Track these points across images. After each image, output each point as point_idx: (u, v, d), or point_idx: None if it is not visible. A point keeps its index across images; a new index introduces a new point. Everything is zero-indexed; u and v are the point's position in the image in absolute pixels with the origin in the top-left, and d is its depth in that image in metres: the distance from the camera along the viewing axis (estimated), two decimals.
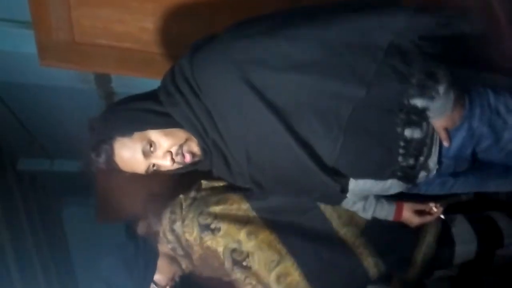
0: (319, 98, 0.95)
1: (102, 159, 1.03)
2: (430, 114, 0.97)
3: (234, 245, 1.23)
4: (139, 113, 1.03)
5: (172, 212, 1.31)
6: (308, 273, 1.19)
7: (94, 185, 2.91)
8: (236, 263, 1.24)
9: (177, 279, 1.30)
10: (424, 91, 0.93)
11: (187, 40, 1.45)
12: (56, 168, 2.83)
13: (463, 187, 1.22)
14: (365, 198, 1.20)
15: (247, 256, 1.22)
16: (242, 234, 1.23)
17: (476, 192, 1.44)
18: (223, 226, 1.23)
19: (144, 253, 1.27)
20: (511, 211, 1.45)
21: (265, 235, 1.22)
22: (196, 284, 1.37)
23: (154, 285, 1.26)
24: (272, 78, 0.94)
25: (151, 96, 1.06)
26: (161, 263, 1.28)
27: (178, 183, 1.38)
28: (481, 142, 1.06)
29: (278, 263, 1.20)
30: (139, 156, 1.02)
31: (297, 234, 1.22)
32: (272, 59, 0.93)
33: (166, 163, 1.02)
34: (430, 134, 1.02)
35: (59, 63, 1.48)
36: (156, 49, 1.49)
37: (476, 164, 1.13)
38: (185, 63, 1.00)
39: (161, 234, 1.31)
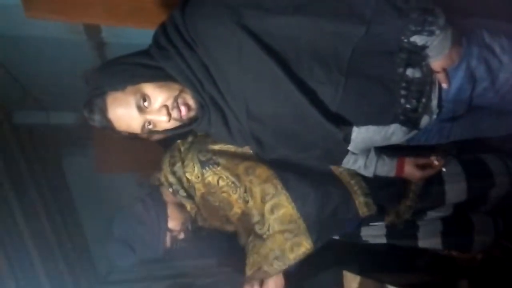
0: (318, 41, 0.93)
1: (96, 116, 1.01)
2: (429, 53, 0.97)
3: (232, 178, 1.26)
4: (130, 66, 1.02)
5: (172, 156, 1.33)
6: (301, 207, 1.23)
7: (92, 138, 2.94)
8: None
9: (189, 225, 1.34)
10: (424, 27, 0.92)
11: None
12: (52, 120, 2.82)
13: (459, 133, 1.24)
14: (366, 154, 1.21)
15: (245, 191, 1.25)
16: (240, 169, 1.25)
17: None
18: (222, 161, 1.26)
19: (153, 206, 1.30)
20: (502, 154, 1.48)
21: (263, 169, 1.25)
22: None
23: (169, 232, 1.31)
24: (269, 22, 0.92)
25: (144, 51, 1.04)
26: (171, 210, 1.32)
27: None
28: (478, 85, 1.06)
29: (272, 196, 1.23)
30: (134, 111, 1.00)
31: (294, 171, 1.25)
32: (267, 2, 0.91)
33: (162, 118, 1.00)
34: (429, 75, 1.01)
35: (45, 14, 1.43)
36: None
37: (470, 109, 1.14)
38: (177, 14, 0.97)
39: (162, 179, 1.34)
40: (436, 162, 1.27)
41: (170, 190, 1.34)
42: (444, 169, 1.36)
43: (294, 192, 1.23)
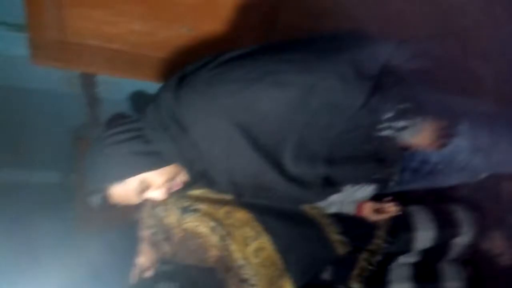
0: (302, 138, 1.04)
1: (97, 205, 1.11)
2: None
3: (213, 224, 1.30)
4: (129, 158, 1.06)
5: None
6: (281, 248, 1.27)
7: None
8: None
9: (158, 264, 1.35)
10: (396, 125, 1.07)
11: (173, 44, 1.58)
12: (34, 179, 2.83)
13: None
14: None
15: (226, 234, 1.29)
16: (221, 213, 1.30)
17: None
18: (203, 207, 1.31)
19: (126, 239, 1.33)
20: (466, 205, 1.58)
21: (242, 213, 1.30)
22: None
23: (138, 267, 1.31)
24: (258, 120, 1.01)
25: (136, 134, 1.07)
26: (143, 247, 1.33)
27: None
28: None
29: (254, 239, 1.28)
30: (134, 195, 1.10)
31: (270, 214, 1.30)
32: (258, 104, 0.99)
33: (159, 197, 1.13)
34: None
35: (50, 61, 1.54)
36: (143, 51, 1.59)
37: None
38: (171, 99, 1.03)
39: (142, 221, 1.38)
40: (391, 208, 1.34)
41: (149, 231, 1.37)
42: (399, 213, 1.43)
43: (274, 234, 1.28)
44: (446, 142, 1.14)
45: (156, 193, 1.12)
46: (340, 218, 1.34)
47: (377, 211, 1.35)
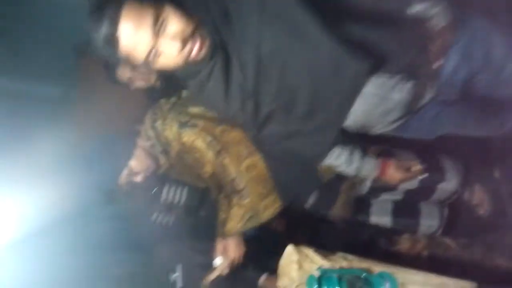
0: None
1: (103, 27, 0.88)
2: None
3: (209, 138, 1.37)
4: None
5: (154, 113, 1.45)
6: (272, 167, 1.36)
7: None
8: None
9: (149, 173, 1.44)
10: None
11: None
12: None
13: (447, 125, 1.26)
14: (351, 151, 1.23)
15: (222, 148, 1.37)
16: (217, 130, 1.38)
17: None
18: (200, 123, 1.37)
19: (123, 141, 1.40)
20: (453, 156, 1.64)
21: (237, 132, 1.37)
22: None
23: (128, 169, 1.40)
24: None
25: None
26: (138, 153, 1.42)
27: None
28: (474, 65, 1.11)
29: (247, 157, 1.36)
30: (148, 29, 0.89)
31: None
32: None
33: (174, 46, 0.92)
34: None
35: None
36: None
37: (463, 97, 1.19)
38: None
39: (142, 132, 1.44)
40: (418, 167, 1.33)
41: (148, 143, 1.44)
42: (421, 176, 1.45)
43: (265, 152, 1.35)
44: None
45: (172, 42, 0.91)
46: None
47: (403, 169, 1.30)
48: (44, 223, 1.52)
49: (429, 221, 1.63)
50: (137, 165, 1.42)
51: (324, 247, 1.38)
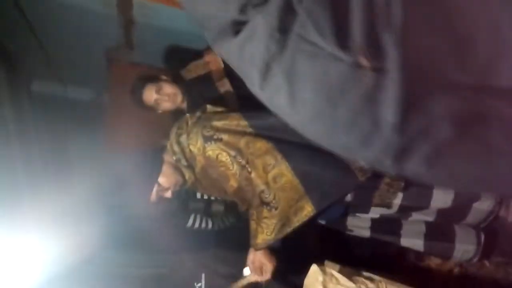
0: None
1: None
2: None
3: (234, 153, 1.36)
4: None
5: (179, 128, 1.44)
6: (300, 174, 1.33)
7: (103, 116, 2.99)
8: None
9: (178, 187, 1.44)
10: None
11: None
12: (70, 94, 2.92)
13: None
14: None
15: (247, 162, 1.35)
16: (242, 143, 1.36)
17: None
18: (224, 137, 1.36)
19: (151, 159, 1.41)
20: None
21: (262, 143, 1.36)
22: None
23: (158, 186, 1.41)
24: None
25: None
26: (166, 168, 1.42)
27: None
28: None
29: (274, 166, 1.34)
30: None
31: (291, 142, 1.34)
32: None
33: None
34: None
35: None
36: None
37: None
38: None
39: (168, 147, 1.45)
40: None
41: (174, 158, 1.44)
42: None
43: (292, 161, 1.33)
44: None
45: None
46: None
47: None
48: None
49: (465, 245, 1.53)
50: (166, 181, 1.42)
51: (353, 260, 1.34)
